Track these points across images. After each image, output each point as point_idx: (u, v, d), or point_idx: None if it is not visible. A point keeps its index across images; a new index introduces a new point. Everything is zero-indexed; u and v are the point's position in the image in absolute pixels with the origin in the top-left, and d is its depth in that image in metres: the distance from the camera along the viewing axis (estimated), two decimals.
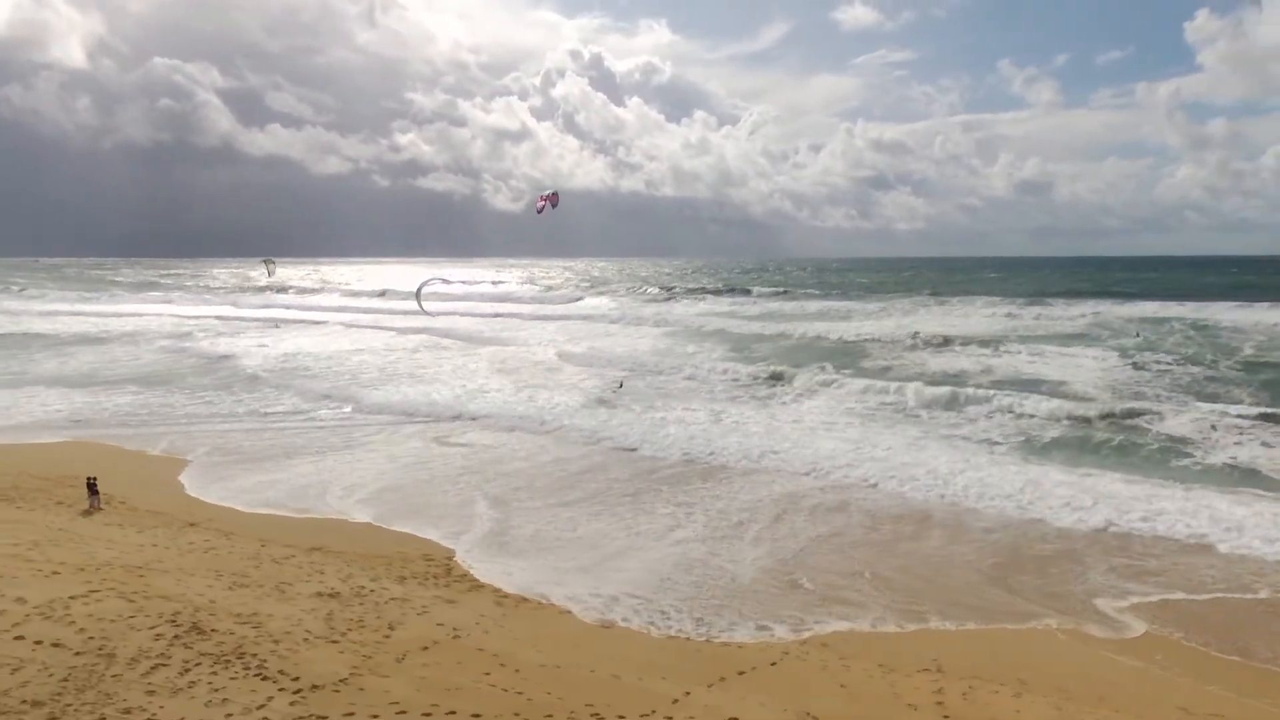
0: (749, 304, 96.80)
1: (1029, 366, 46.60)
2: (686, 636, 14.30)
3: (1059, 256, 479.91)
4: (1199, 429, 30.42)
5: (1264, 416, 31.01)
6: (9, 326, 70.82)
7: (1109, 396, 37.30)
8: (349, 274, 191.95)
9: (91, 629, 12.57)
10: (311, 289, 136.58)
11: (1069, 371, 44.34)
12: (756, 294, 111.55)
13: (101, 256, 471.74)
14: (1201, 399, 36.58)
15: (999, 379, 42.44)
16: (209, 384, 42.23)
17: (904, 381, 40.52)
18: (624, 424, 32.77)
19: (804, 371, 44.12)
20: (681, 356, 52.55)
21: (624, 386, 41.23)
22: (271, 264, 63.56)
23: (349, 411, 35.94)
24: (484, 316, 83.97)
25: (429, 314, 56.91)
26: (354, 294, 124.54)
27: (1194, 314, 69.59)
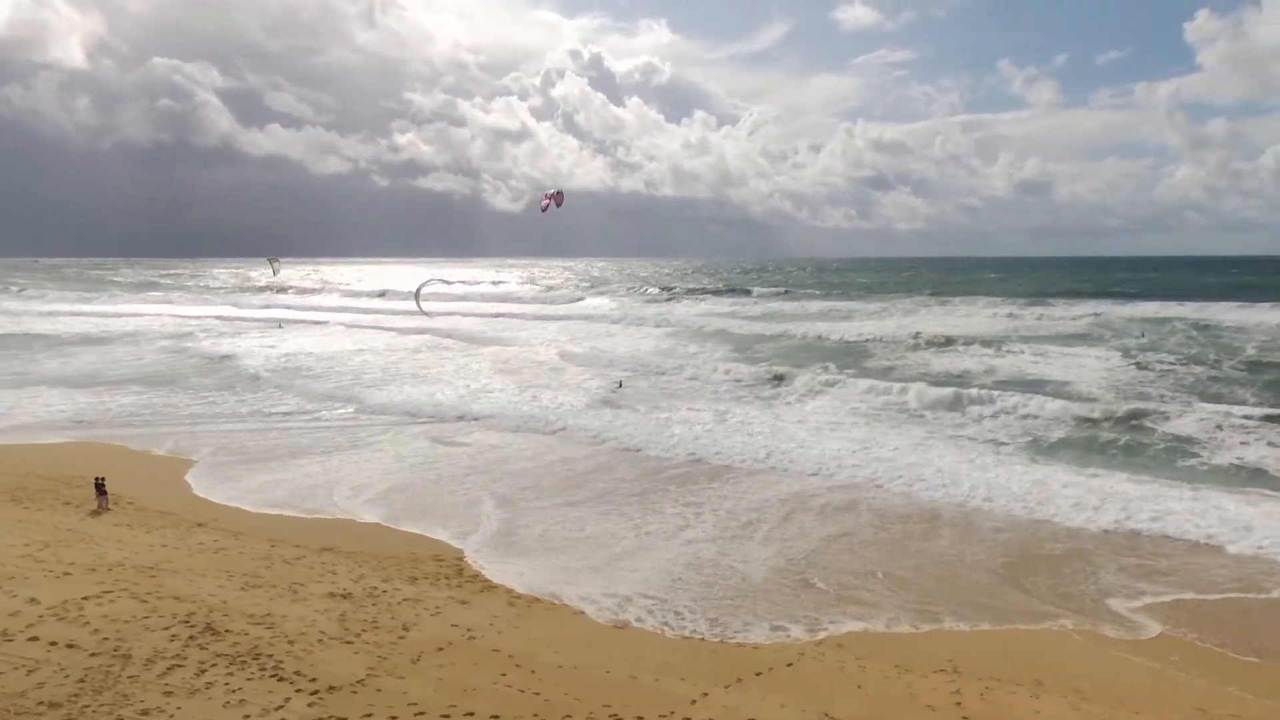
0: (750, 304, 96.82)
1: (1032, 367, 46.58)
2: (701, 637, 14.25)
3: (1059, 256, 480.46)
4: (1205, 429, 30.40)
5: (1269, 417, 30.96)
6: (10, 327, 70.72)
7: (1113, 397, 37.29)
8: (349, 274, 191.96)
9: (106, 630, 12.53)
10: (312, 289, 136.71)
11: (1073, 372, 44.34)
12: (757, 294, 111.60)
13: (101, 257, 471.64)
14: (1206, 399, 36.58)
15: (1003, 379, 42.44)
16: (212, 384, 42.19)
17: (908, 382, 40.51)
18: (629, 424, 32.74)
19: (807, 372, 44.11)
20: (684, 357, 52.53)
21: (624, 386, 41.19)
22: (276, 263, 63.44)
23: (353, 412, 35.90)
24: (485, 317, 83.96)
25: (428, 315, 56.87)
26: (354, 294, 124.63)
27: (1195, 314, 69.65)
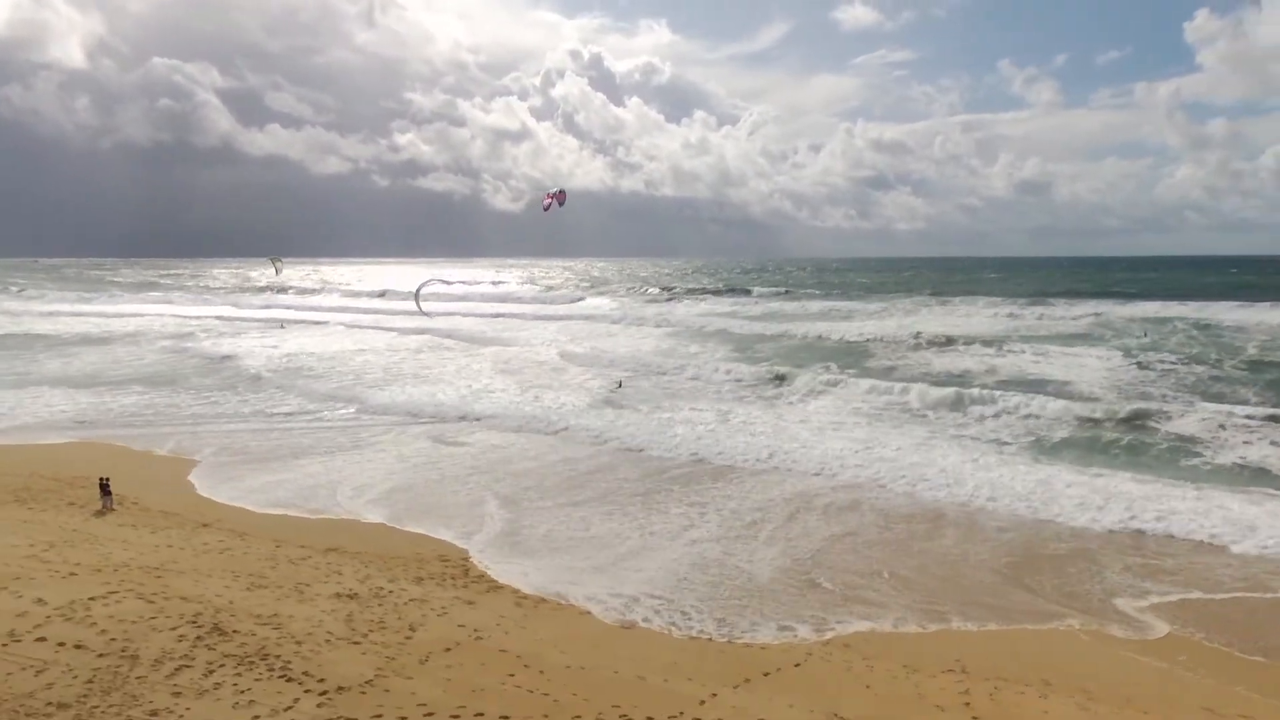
0: (750, 304, 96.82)
1: (1034, 366, 46.58)
2: (709, 637, 14.23)
3: (1059, 256, 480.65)
4: (1207, 429, 30.40)
5: (1272, 417, 30.95)
6: (11, 327, 70.69)
7: (1115, 396, 37.30)
8: (349, 274, 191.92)
9: (113, 630, 12.51)
10: (312, 289, 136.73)
11: (1074, 371, 44.35)
12: (757, 294, 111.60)
13: (101, 257, 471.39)
14: (1208, 399, 36.59)
15: (1004, 379, 42.45)
16: (213, 384, 42.16)
17: (909, 382, 40.52)
18: (631, 424, 32.73)
19: (809, 372, 44.11)
20: (685, 357, 52.52)
21: (624, 386, 41.17)
22: (279, 262, 63.41)
23: (354, 412, 35.88)
24: (485, 317, 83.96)
25: (428, 315, 56.86)
26: (354, 294, 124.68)
27: (1196, 314, 69.72)
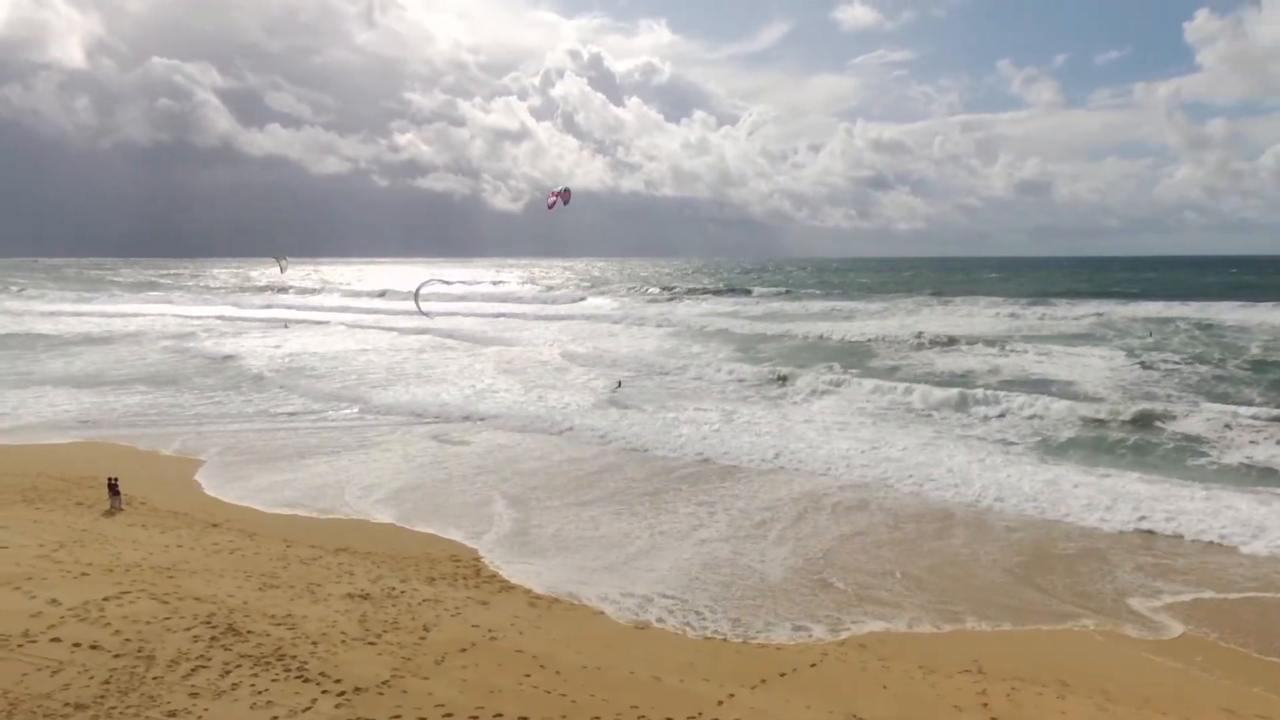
0: (751, 304, 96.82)
1: (1037, 366, 46.57)
2: (723, 637, 14.19)
3: (1058, 256, 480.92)
4: (1213, 429, 30.40)
5: (1278, 417, 30.94)
6: (12, 327, 70.60)
7: (1120, 396, 37.29)
8: (348, 274, 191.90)
9: (128, 631, 12.46)
10: (312, 289, 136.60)
11: (1077, 371, 44.34)
12: (758, 294, 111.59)
13: (101, 257, 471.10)
14: (1212, 399, 36.58)
15: (1008, 379, 42.44)
16: (217, 384, 42.10)
17: (914, 382, 40.50)
18: (636, 424, 32.69)
19: (812, 372, 44.10)
20: (687, 357, 52.48)
21: (624, 386, 41.12)
22: (283, 260, 63.28)
23: (358, 412, 35.83)
24: (486, 317, 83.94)
25: (427, 315, 56.78)
26: (354, 294, 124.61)
27: (1198, 314, 69.75)
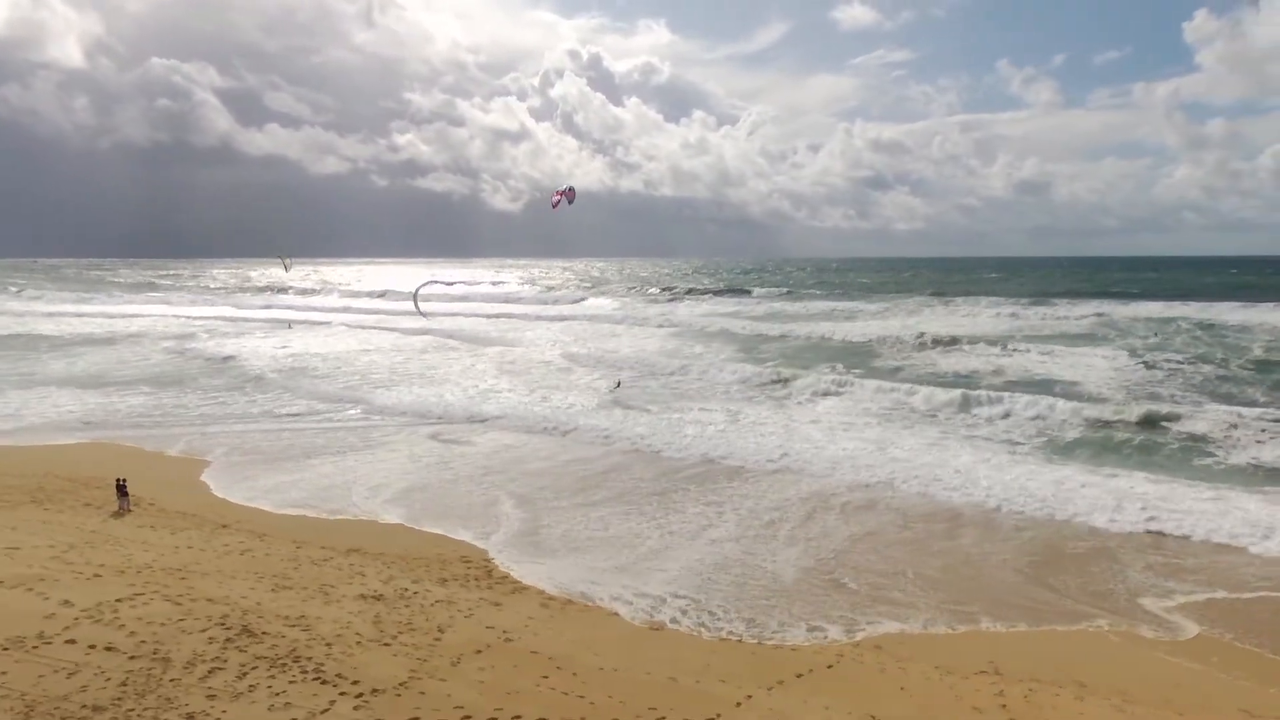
0: (753, 304, 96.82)
1: (1040, 367, 46.57)
2: (738, 638, 14.14)
3: (1057, 256, 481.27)
4: (1219, 429, 30.35)
5: None
6: (14, 328, 70.45)
7: (1124, 396, 37.29)
8: (348, 274, 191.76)
9: (142, 632, 12.41)
10: (312, 289, 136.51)
11: (1081, 371, 44.34)
12: (759, 294, 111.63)
13: (99, 257, 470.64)
14: (1217, 399, 36.61)
15: (1012, 379, 42.45)
16: (220, 385, 42.03)
17: (918, 382, 40.50)
18: (641, 425, 32.66)
19: (816, 372, 44.07)
20: (690, 357, 52.44)
21: (622, 386, 41.08)
22: (287, 259, 63.18)
23: (363, 412, 35.78)
24: (487, 317, 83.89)
25: (425, 316, 56.75)
26: (354, 294, 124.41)
27: (1199, 314, 69.83)
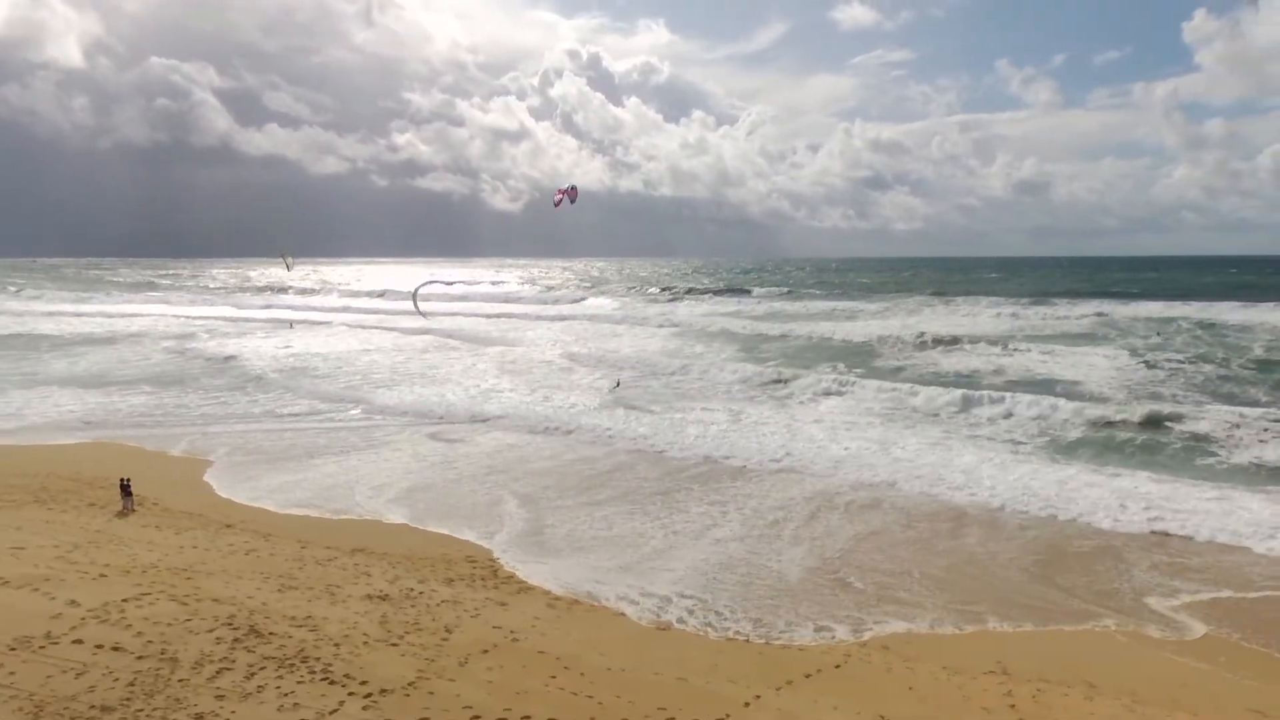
0: (753, 304, 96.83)
1: (1042, 366, 46.57)
2: (746, 638, 14.11)
3: (1057, 256, 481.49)
4: (1222, 428, 30.35)
5: None
6: (14, 327, 70.38)
7: (1126, 396, 37.33)
8: (348, 274, 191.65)
9: (149, 632, 12.38)
10: (312, 289, 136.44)
11: (1082, 371, 44.36)
12: (760, 294, 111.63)
13: (98, 257, 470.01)
14: (1218, 398, 36.64)
15: (1014, 379, 42.46)
16: (221, 385, 41.99)
17: (918, 381, 40.52)
18: (644, 424, 32.65)
19: (817, 372, 44.09)
20: (691, 357, 52.42)
21: (621, 385, 41.07)
22: (289, 257, 63.12)
23: (365, 412, 35.75)
24: (487, 317, 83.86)
25: (425, 315, 56.73)
26: (354, 294, 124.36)
27: (1199, 314, 69.88)
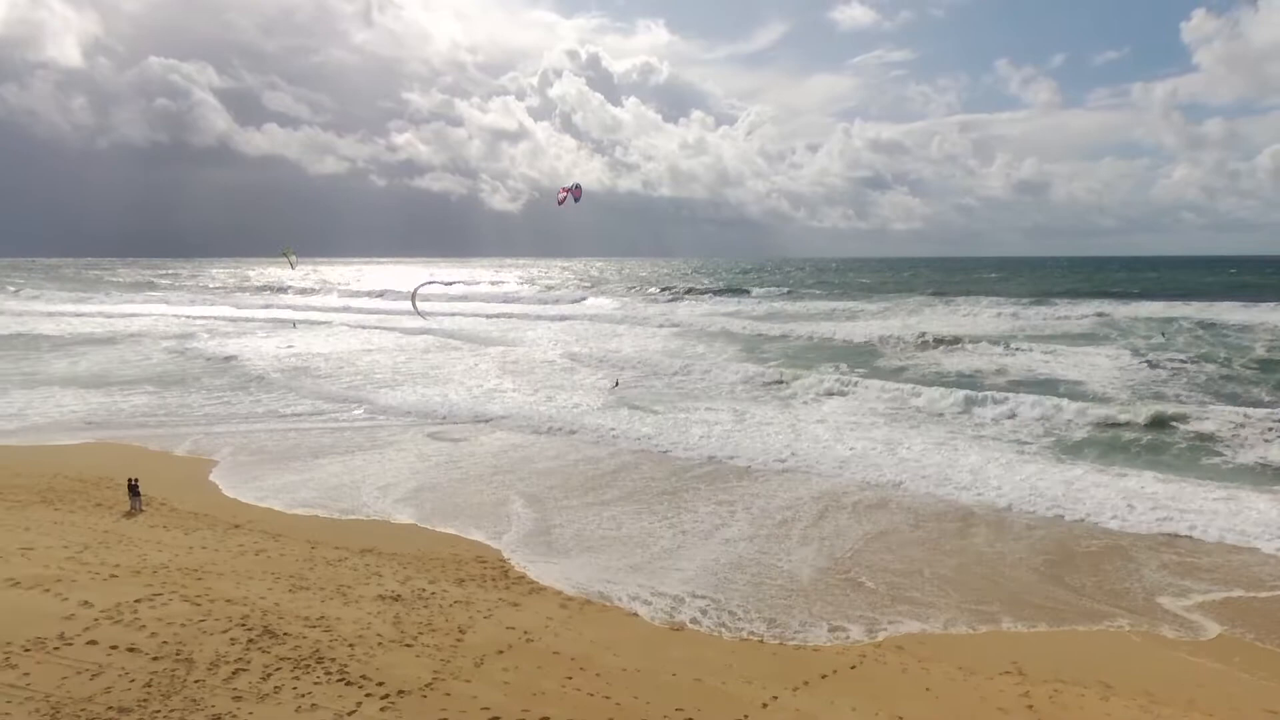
0: (753, 304, 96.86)
1: (1044, 366, 46.60)
2: (760, 639, 14.07)
3: (1056, 256, 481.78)
4: (1227, 428, 30.35)
5: None
6: (14, 327, 70.24)
7: (1130, 396, 37.36)
8: (347, 274, 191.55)
9: (163, 633, 12.34)
10: (311, 289, 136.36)
11: (1084, 371, 44.39)
12: (760, 294, 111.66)
13: (98, 256, 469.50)
14: (1222, 398, 36.68)
15: (1016, 379, 42.50)
16: (223, 384, 41.92)
17: (922, 381, 40.52)
18: (647, 424, 32.62)
19: (820, 372, 44.09)
20: (693, 357, 52.39)
21: (620, 385, 41.04)
22: (292, 255, 62.80)
23: (368, 412, 35.70)
24: (487, 317, 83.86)
25: (423, 315, 56.67)
26: (354, 294, 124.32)
27: (1199, 313, 69.97)
